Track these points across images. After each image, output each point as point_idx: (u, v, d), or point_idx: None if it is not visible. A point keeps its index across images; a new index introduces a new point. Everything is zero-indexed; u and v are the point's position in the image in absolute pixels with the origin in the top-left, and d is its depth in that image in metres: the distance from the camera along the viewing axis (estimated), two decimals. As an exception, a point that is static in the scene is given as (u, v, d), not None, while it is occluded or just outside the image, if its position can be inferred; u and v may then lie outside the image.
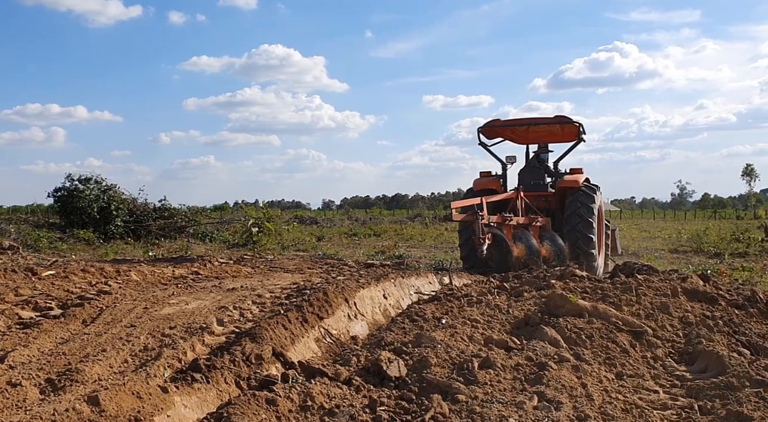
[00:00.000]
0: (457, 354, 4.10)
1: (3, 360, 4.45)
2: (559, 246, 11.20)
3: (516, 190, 11.96)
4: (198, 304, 6.26)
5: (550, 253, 11.03)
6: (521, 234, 10.84)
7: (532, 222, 11.43)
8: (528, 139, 14.08)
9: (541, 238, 11.31)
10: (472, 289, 6.00)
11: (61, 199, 18.62)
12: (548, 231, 11.71)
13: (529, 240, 10.74)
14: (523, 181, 12.82)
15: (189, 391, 3.95)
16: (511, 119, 13.47)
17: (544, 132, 13.40)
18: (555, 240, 11.37)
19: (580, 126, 12.61)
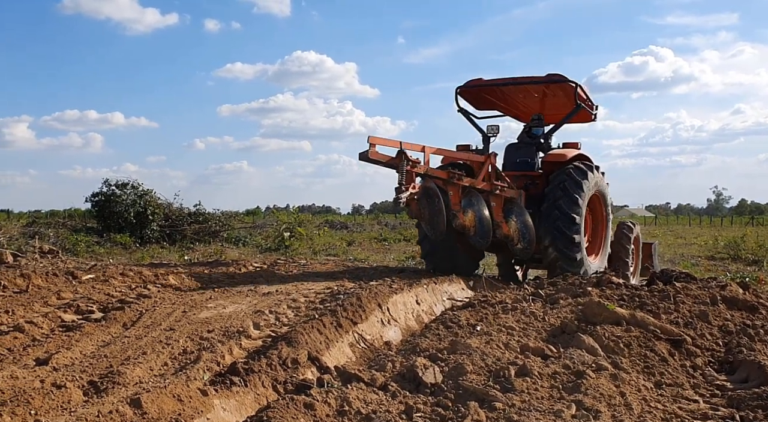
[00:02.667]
0: (493, 361, 4.08)
1: (47, 362, 4.57)
2: (526, 225, 9.28)
3: (486, 155, 9.71)
4: (235, 308, 6.34)
5: (513, 231, 9.22)
6: (474, 200, 8.89)
7: (495, 190, 9.20)
8: (521, 107, 11.85)
9: (506, 213, 9.35)
10: (507, 296, 5.98)
11: (99, 203, 18.99)
12: (517, 205, 9.49)
13: (481, 210, 8.82)
14: (509, 159, 10.77)
15: (228, 394, 4.01)
16: (496, 79, 10.89)
17: (537, 98, 11.21)
18: (523, 217, 9.34)
19: (577, 87, 10.09)
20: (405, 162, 7.87)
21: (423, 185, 8.33)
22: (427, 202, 8.31)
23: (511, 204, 9.48)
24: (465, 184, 8.79)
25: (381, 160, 7.91)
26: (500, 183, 9.34)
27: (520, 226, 9.30)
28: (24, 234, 16.23)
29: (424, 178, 8.45)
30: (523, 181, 10.23)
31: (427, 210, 8.32)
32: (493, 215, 9.17)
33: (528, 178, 10.31)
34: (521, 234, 9.30)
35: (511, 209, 9.41)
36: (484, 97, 11.28)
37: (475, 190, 9.01)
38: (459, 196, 8.83)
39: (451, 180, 8.64)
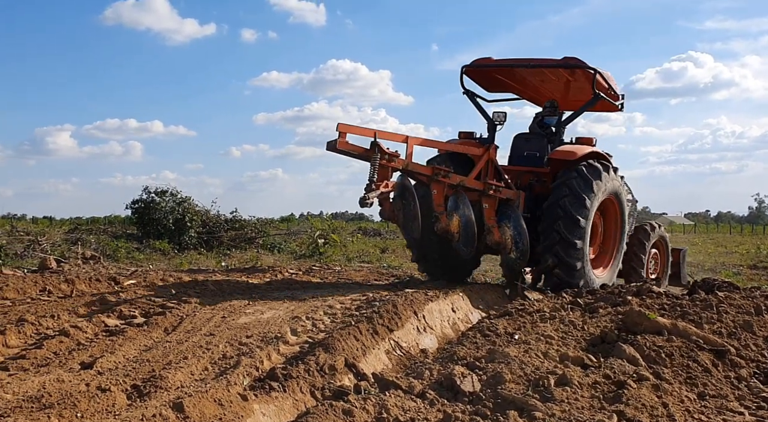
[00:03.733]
0: (531, 370, 4.06)
1: (92, 366, 4.68)
2: (521, 232, 8.08)
3: (485, 148, 8.67)
4: (272, 314, 6.40)
5: (506, 239, 8.07)
6: (461, 201, 7.75)
7: (488, 190, 8.05)
8: (540, 90, 10.46)
9: (499, 216, 8.20)
10: (545, 304, 5.93)
11: (139, 210, 19.37)
12: (513, 210, 8.28)
13: (467, 214, 7.67)
14: (516, 151, 9.63)
15: (267, 399, 4.06)
16: (506, 59, 9.51)
17: (556, 82, 9.93)
18: (518, 223, 8.13)
19: (596, 75, 8.78)
20: (378, 155, 6.92)
21: (398, 183, 7.39)
22: (401, 204, 7.44)
23: (507, 207, 8.32)
24: (453, 182, 7.67)
25: (352, 152, 7.04)
26: (496, 181, 8.25)
27: (514, 233, 8.13)
28: (66, 240, 16.62)
29: (403, 175, 7.54)
30: (528, 177, 9.26)
31: (401, 212, 7.47)
32: (484, 218, 8.12)
33: (534, 174, 9.28)
34: (514, 243, 8.14)
35: (505, 213, 8.27)
36: (496, 77, 9.92)
37: (466, 189, 7.93)
38: (444, 195, 7.75)
39: (435, 177, 7.56)
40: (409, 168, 7.46)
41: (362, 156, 7.03)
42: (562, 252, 8.21)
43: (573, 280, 8.18)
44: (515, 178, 9.04)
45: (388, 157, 7.08)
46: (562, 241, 8.19)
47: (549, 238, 8.30)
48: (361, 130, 7.10)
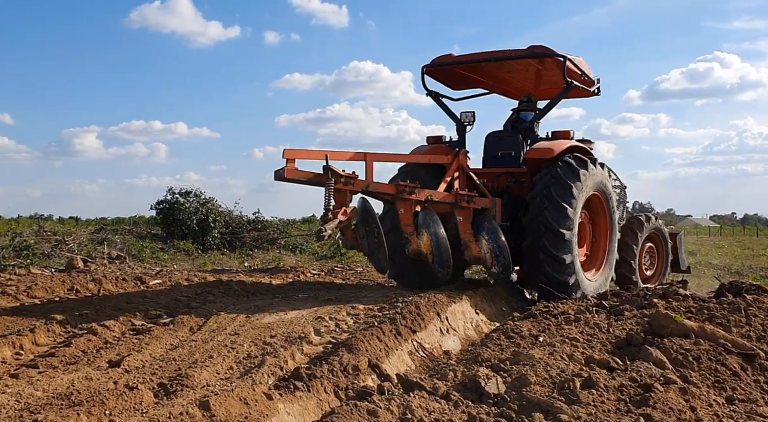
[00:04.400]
0: (557, 372, 4.03)
1: (119, 364, 4.75)
2: (500, 245, 7.47)
3: (453, 154, 8.11)
4: (296, 314, 6.44)
5: (485, 253, 7.50)
6: (429, 218, 7.21)
7: (460, 201, 7.52)
8: (511, 83, 9.72)
9: (476, 229, 7.66)
10: (569, 307, 5.89)
11: (163, 211, 19.57)
12: (489, 220, 7.69)
13: (437, 231, 7.17)
14: (489, 152, 8.95)
15: (291, 399, 4.09)
16: (468, 54, 8.82)
17: (527, 74, 9.24)
18: (495, 235, 7.52)
19: (565, 61, 8.16)
20: (332, 179, 6.33)
21: (358, 207, 6.74)
22: (364, 230, 6.81)
23: (483, 217, 7.74)
24: (420, 197, 7.14)
25: (302, 179, 6.41)
26: (468, 191, 7.76)
27: (493, 246, 7.51)
28: (92, 240, 16.85)
29: (364, 198, 6.95)
30: (505, 179, 8.57)
31: (365, 240, 6.83)
32: (460, 232, 7.57)
33: (512, 175, 8.59)
34: (494, 256, 7.53)
35: (481, 224, 7.66)
36: (461, 74, 9.20)
37: (437, 203, 7.42)
38: (412, 213, 7.19)
39: (400, 195, 7.00)
40: (371, 188, 6.91)
41: (315, 182, 6.41)
42: (552, 270, 7.61)
43: (567, 294, 7.42)
44: (491, 181, 8.52)
45: (345, 180, 6.48)
46: (550, 260, 7.60)
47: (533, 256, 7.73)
48: (310, 153, 6.54)
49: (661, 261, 10.52)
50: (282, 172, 6.26)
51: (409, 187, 7.05)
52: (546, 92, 9.76)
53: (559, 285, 7.59)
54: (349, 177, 6.55)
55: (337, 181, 6.39)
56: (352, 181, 6.58)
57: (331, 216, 6.22)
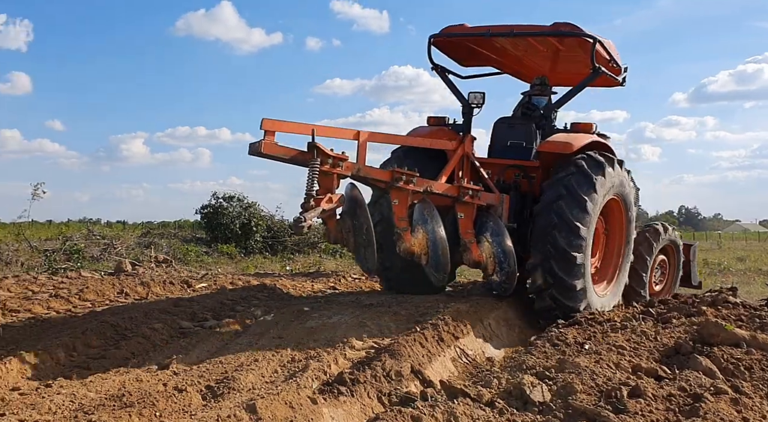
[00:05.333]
0: (603, 381, 3.98)
1: (168, 366, 4.85)
2: (505, 249, 6.55)
3: (458, 140, 7.28)
4: (338, 319, 6.48)
5: (487, 257, 6.59)
6: (427, 213, 6.28)
7: (463, 196, 6.50)
8: (525, 64, 8.70)
9: (479, 229, 6.69)
10: (615, 314, 5.81)
11: (207, 215, 19.92)
12: (495, 219, 6.76)
13: (435, 229, 6.23)
14: (498, 141, 7.93)
15: (336, 403, 4.12)
16: (483, 26, 7.63)
17: (545, 54, 8.20)
18: (501, 237, 6.59)
19: (595, 43, 7.06)
20: (318, 159, 5.30)
21: (346, 195, 5.79)
22: (351, 223, 5.78)
23: (487, 216, 6.77)
24: (418, 188, 6.12)
25: (282, 156, 5.34)
26: (472, 185, 6.65)
27: (496, 250, 6.58)
28: (139, 244, 17.26)
29: (353, 184, 5.97)
30: (513, 173, 7.57)
31: (351, 234, 5.79)
32: (460, 232, 6.60)
33: (521, 169, 7.58)
34: (498, 262, 6.60)
35: (485, 223, 6.70)
36: (472, 48, 8.14)
37: (434, 195, 6.39)
38: (407, 205, 6.17)
39: (395, 183, 5.94)
40: (361, 173, 5.81)
41: (297, 161, 5.38)
42: (558, 269, 6.61)
43: (570, 302, 6.66)
44: (497, 174, 7.48)
45: (332, 161, 5.43)
46: (559, 255, 6.60)
47: (541, 250, 6.69)
48: (294, 126, 5.47)
49: (671, 276, 9.66)
50: (258, 146, 5.15)
51: (407, 174, 5.97)
52: (562, 77, 8.87)
53: (565, 289, 6.63)
54: (338, 158, 5.47)
55: (323, 161, 5.35)
56: (340, 162, 5.50)
57: (313, 204, 5.23)
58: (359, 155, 5.94)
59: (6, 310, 6.59)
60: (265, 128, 5.22)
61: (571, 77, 8.53)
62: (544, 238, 6.63)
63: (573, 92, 7.84)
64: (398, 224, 6.13)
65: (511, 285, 6.71)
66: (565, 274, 6.57)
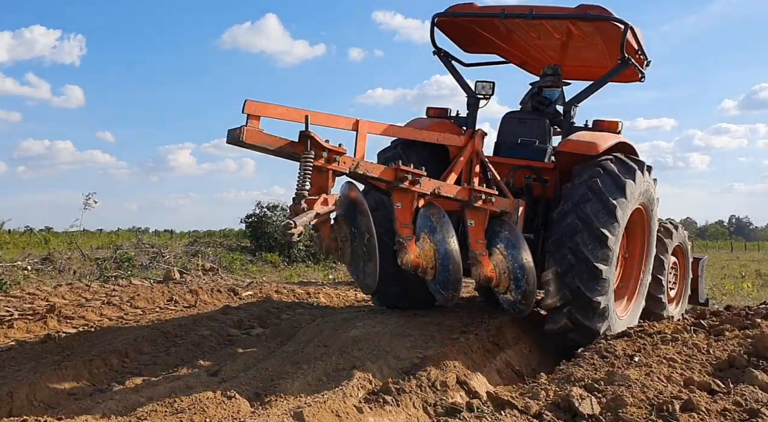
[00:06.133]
0: (654, 394, 3.90)
1: (217, 374, 4.94)
2: (522, 263, 5.56)
3: (468, 134, 6.44)
4: (382, 328, 6.50)
5: (501, 272, 5.62)
6: (436, 220, 5.37)
7: (475, 200, 5.54)
8: (534, 53, 7.82)
9: (491, 239, 5.69)
10: (665, 326, 5.67)
11: (252, 224, 20.21)
12: (509, 228, 5.72)
13: (446, 239, 5.30)
14: (506, 138, 7.06)
15: (381, 413, 4.13)
16: (497, 6, 6.84)
17: (559, 40, 7.27)
18: (518, 249, 5.59)
19: (626, 30, 6.14)
20: (312, 152, 4.40)
21: (343, 196, 4.93)
22: (349, 231, 4.88)
23: (501, 224, 5.77)
24: (424, 190, 5.27)
25: (267, 146, 4.38)
26: (484, 187, 5.68)
27: (512, 265, 5.59)
28: (187, 252, 17.61)
29: (351, 183, 5.11)
30: (523, 175, 6.69)
31: (347, 245, 4.89)
32: (469, 242, 5.64)
33: (533, 171, 6.69)
34: (513, 278, 5.61)
35: (498, 233, 5.71)
36: (477, 32, 7.24)
37: (443, 200, 5.52)
38: (412, 210, 5.30)
39: (399, 183, 5.06)
40: (359, 171, 4.87)
41: (286, 153, 4.47)
42: (580, 282, 5.71)
43: (590, 323, 5.79)
44: (505, 176, 6.61)
45: (328, 155, 4.55)
46: (581, 266, 5.71)
47: (560, 259, 5.81)
48: (284, 110, 4.57)
49: (682, 282, 8.58)
50: (239, 134, 4.20)
51: (414, 173, 5.08)
52: (576, 70, 7.93)
53: (586, 306, 5.76)
54: (334, 151, 4.59)
55: (318, 155, 4.47)
56: (337, 156, 4.62)
57: (305, 206, 4.35)
58: (357, 148, 5.11)
59: (61, 317, 6.81)
60: (248, 112, 4.28)
61: (586, 72, 7.76)
62: (563, 246, 5.77)
63: (596, 85, 6.90)
64: (401, 231, 5.26)
65: (528, 307, 5.73)
66: (587, 289, 5.67)
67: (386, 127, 5.68)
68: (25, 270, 12.13)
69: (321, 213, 4.52)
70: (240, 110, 4.29)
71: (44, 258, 14.08)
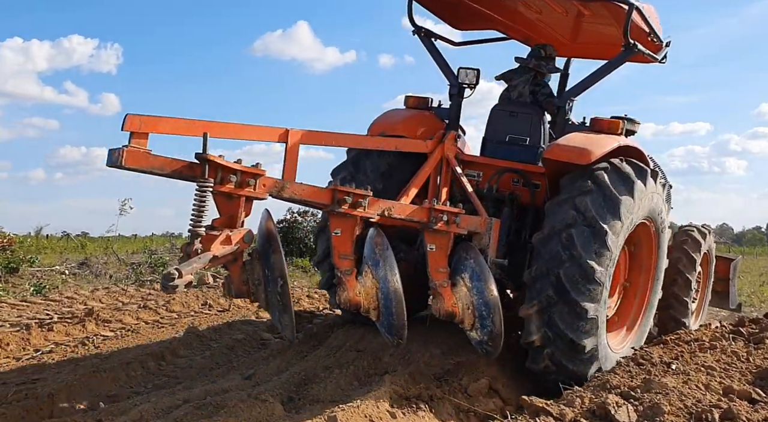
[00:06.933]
0: (692, 402, 3.83)
1: (251, 377, 5.00)
2: (488, 300, 4.62)
3: (437, 138, 5.58)
4: (412, 334, 6.44)
5: (463, 307, 4.72)
6: (379, 252, 4.47)
7: (435, 221, 4.61)
8: (532, 29, 6.71)
9: (455, 267, 4.78)
10: (703, 333, 5.57)
11: (283, 230, 20.33)
12: (475, 255, 4.75)
13: (388, 276, 4.39)
14: (493, 134, 6.10)
15: (414, 418, 4.13)
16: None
17: (564, 17, 6.21)
18: (483, 283, 4.65)
19: (631, 10, 5.19)
20: (207, 179, 3.54)
21: (260, 228, 4.02)
22: (262, 273, 3.89)
23: (466, 249, 4.84)
24: (369, 213, 4.35)
25: (156, 170, 3.51)
26: (448, 207, 4.70)
27: (477, 301, 4.67)
28: (219, 257, 17.79)
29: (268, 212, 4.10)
30: (510, 179, 5.75)
31: (261, 288, 3.90)
32: (428, 270, 4.75)
33: (521, 175, 5.72)
34: (478, 315, 4.70)
35: (464, 260, 4.78)
36: (471, 6, 6.16)
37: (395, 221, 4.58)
38: (353, 240, 4.40)
39: (337, 207, 4.20)
40: (286, 194, 4.04)
41: (185, 176, 3.58)
42: (561, 322, 4.77)
43: (577, 368, 4.87)
44: (489, 179, 5.69)
45: (240, 178, 3.71)
46: (562, 305, 4.76)
47: (537, 295, 4.84)
48: (180, 125, 3.68)
49: (703, 291, 7.69)
50: (118, 157, 3.34)
51: (355, 194, 4.21)
52: (582, 48, 6.98)
53: (569, 350, 4.82)
54: (249, 173, 3.75)
55: (224, 179, 3.64)
56: (252, 180, 3.78)
57: (199, 247, 3.53)
58: (286, 165, 4.28)
59: (99, 320, 6.94)
60: (131, 128, 3.43)
61: (594, 50, 6.76)
62: (544, 279, 4.82)
63: (597, 75, 5.75)
64: (339, 264, 4.42)
65: (496, 349, 4.77)
66: (570, 330, 4.74)
67: (325, 135, 4.69)
68: (63, 274, 12.37)
69: (220, 256, 3.63)
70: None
71: (81, 262, 14.34)
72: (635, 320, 5.84)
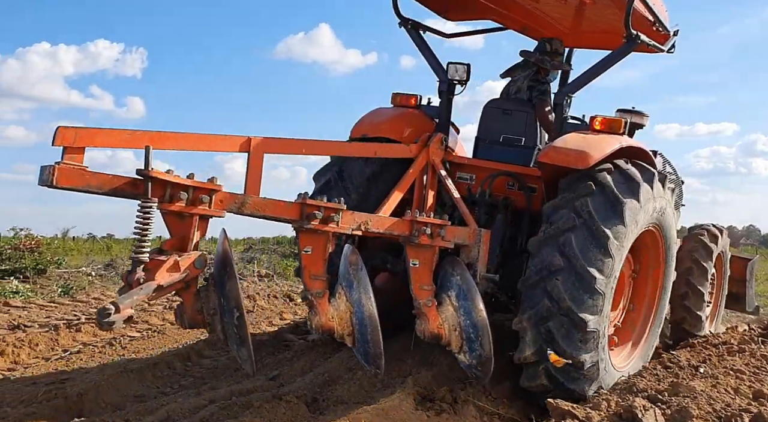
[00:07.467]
0: (721, 407, 3.78)
1: (276, 378, 5.04)
2: (475, 323, 4.26)
3: (423, 141, 5.24)
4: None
5: (450, 331, 4.34)
6: (353, 272, 4.07)
7: (417, 235, 4.20)
8: (531, 18, 6.24)
9: (441, 285, 4.42)
10: (731, 336, 5.49)
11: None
12: (461, 271, 4.38)
13: (363, 300, 3.98)
14: (486, 134, 5.79)
15: (437, 420, 4.13)
16: None
17: (565, 5, 5.84)
18: (471, 303, 4.28)
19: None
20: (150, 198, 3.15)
21: (218, 252, 3.66)
22: (218, 302, 3.46)
23: (452, 264, 4.47)
24: (343, 229, 3.93)
25: (93, 189, 3.10)
26: (432, 219, 4.27)
27: (464, 322, 4.31)
28: (242, 259, 17.91)
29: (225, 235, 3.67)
30: (504, 183, 5.41)
31: (217, 319, 3.45)
32: (411, 288, 4.36)
33: (515, 178, 5.38)
34: (465, 339, 4.35)
35: (450, 277, 4.42)
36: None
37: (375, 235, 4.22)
38: (325, 258, 3.95)
39: (305, 223, 3.77)
40: (247, 210, 3.68)
41: (128, 195, 3.20)
42: (559, 336, 4.33)
43: (575, 386, 4.42)
44: (481, 183, 5.40)
45: (190, 195, 3.33)
46: (560, 318, 4.32)
47: (530, 307, 4.42)
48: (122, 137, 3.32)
49: (717, 295, 7.23)
50: (49, 175, 2.95)
51: (327, 208, 3.80)
52: (586, 38, 6.56)
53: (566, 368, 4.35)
54: (201, 189, 3.37)
55: (174, 196, 3.28)
56: (206, 197, 3.39)
57: (142, 276, 3.18)
58: (249, 178, 3.91)
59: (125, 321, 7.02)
60: (64, 143, 3.03)
61: (598, 40, 6.36)
62: (539, 288, 4.39)
63: (597, 70, 5.18)
64: (310, 285, 3.97)
65: (486, 374, 4.37)
66: (567, 345, 4.30)
67: (292, 142, 4.27)
68: (90, 275, 12.55)
69: (166, 286, 3.25)
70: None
71: (107, 264, 14.52)
72: (641, 335, 5.37)
